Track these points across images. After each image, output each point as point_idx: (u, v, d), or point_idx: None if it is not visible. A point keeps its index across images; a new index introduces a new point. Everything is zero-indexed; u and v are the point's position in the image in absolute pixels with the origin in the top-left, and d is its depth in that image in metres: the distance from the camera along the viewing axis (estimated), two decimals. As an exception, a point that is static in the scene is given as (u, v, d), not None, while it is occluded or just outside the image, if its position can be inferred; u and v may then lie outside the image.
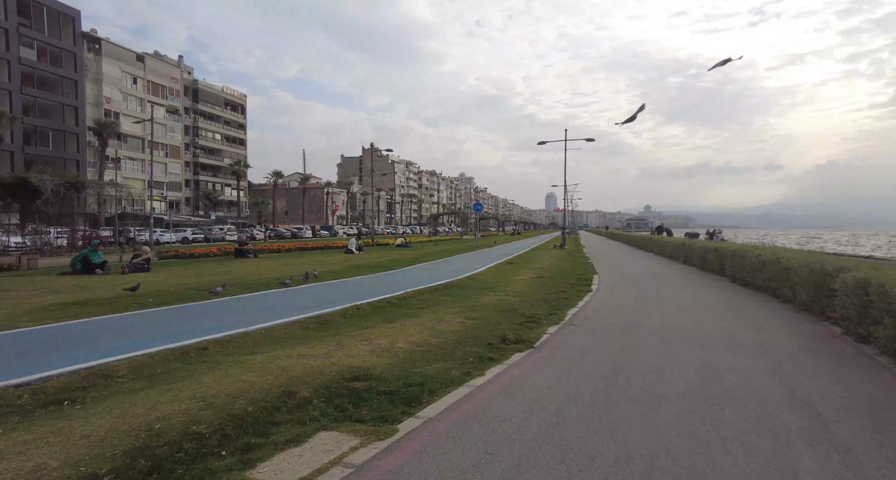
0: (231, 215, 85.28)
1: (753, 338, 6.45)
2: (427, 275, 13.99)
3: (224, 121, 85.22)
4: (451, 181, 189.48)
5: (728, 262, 13.50)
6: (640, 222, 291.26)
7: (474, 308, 8.30)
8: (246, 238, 27.49)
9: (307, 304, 8.56)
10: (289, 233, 64.22)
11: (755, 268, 11.23)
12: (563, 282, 12.59)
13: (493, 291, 10.65)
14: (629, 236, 45.44)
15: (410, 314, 7.72)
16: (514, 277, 13.69)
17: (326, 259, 20.70)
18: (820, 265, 7.62)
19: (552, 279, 13.37)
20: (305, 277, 12.02)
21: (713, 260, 15.26)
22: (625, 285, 12.60)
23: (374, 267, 16.52)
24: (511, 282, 12.42)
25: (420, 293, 10.16)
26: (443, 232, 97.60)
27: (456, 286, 11.62)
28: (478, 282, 12.48)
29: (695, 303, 9.53)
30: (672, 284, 12.97)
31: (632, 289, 11.70)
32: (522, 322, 7.27)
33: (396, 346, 5.59)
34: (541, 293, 10.52)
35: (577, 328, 7.02)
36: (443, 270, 15.71)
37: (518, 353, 5.57)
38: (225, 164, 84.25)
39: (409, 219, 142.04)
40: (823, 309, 7.71)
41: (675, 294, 10.99)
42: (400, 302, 9.00)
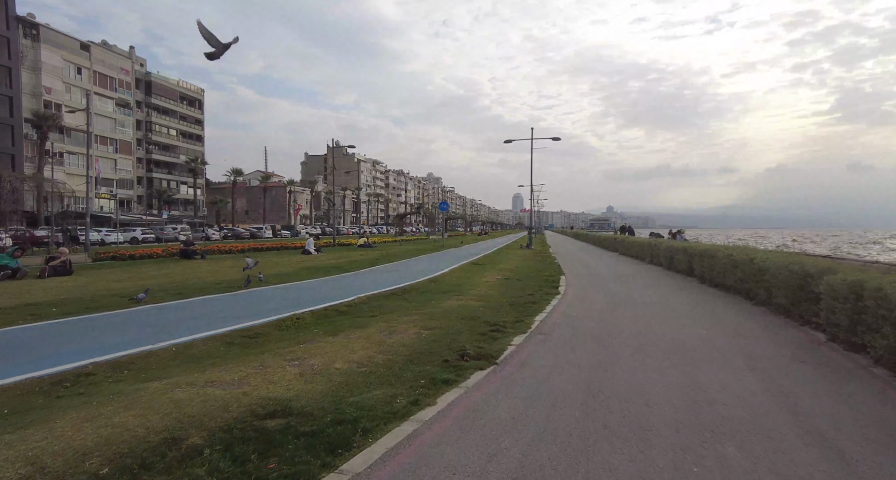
0: (187, 214, 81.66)
1: (737, 347, 5.85)
2: (386, 278, 13.04)
3: (180, 116, 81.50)
4: (418, 181, 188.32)
5: (697, 263, 13.16)
6: (602, 222, 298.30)
7: (433, 315, 7.44)
8: (192, 238, 25.71)
9: (241, 314, 7.49)
10: (248, 233, 61.73)
11: (726, 269, 10.83)
12: (529, 284, 11.90)
13: (455, 295, 9.81)
14: (594, 236, 45.68)
15: (359, 324, 6.78)
16: (479, 279, 12.92)
17: (281, 260, 19.40)
18: (800, 266, 7.15)
19: (519, 280, 12.68)
20: (247, 281, 10.84)
21: (681, 260, 14.94)
22: (593, 287, 12.03)
23: (331, 269, 15.42)
24: (476, 285, 11.64)
25: (375, 298, 9.21)
26: (410, 232, 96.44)
27: (416, 289, 10.73)
28: (440, 285, 11.63)
29: (667, 307, 8.99)
30: (641, 285, 12.50)
31: (601, 291, 11.12)
32: (486, 331, 6.46)
33: (333, 367, 4.66)
34: (507, 296, 9.77)
35: (545, 337, 6.26)
36: (404, 272, 14.79)
37: (479, 372, 4.73)
38: (181, 161, 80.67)
39: (376, 218, 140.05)
40: (803, 313, 7.25)
41: (645, 296, 10.46)
42: (350, 309, 8.03)
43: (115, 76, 61.93)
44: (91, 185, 23.55)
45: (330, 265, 16.74)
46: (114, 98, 61.82)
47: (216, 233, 56.93)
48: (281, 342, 5.77)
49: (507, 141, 30.69)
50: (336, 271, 14.70)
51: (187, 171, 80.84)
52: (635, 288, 11.92)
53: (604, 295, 10.43)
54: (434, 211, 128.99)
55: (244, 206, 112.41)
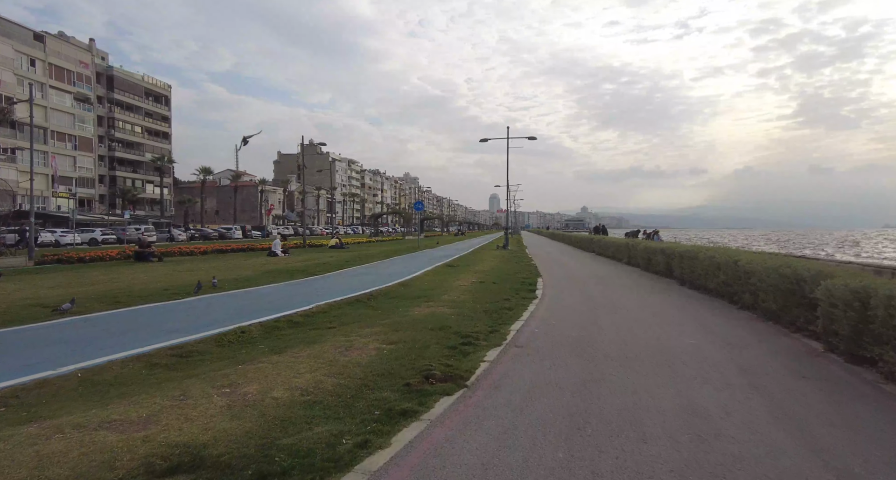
0: (153, 214, 78.77)
1: (730, 359, 5.31)
2: (353, 282, 12.23)
3: (145, 112, 78.55)
4: (395, 181, 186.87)
5: (676, 264, 12.77)
6: (577, 223, 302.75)
7: (399, 326, 6.70)
8: (148, 239, 24.29)
9: (180, 326, 6.60)
10: (216, 233, 59.68)
11: (708, 271, 10.42)
12: (505, 288, 11.28)
13: (426, 301, 9.09)
14: (570, 236, 45.63)
15: (312, 338, 5.98)
16: (452, 283, 12.23)
17: (243, 262, 18.33)
18: (792, 270, 6.69)
19: (494, 284, 12.04)
20: (198, 287, 9.86)
21: (660, 261, 14.58)
22: (571, 290, 11.49)
23: (295, 272, 14.49)
24: (449, 289, 10.94)
25: (337, 306, 8.40)
26: (386, 232, 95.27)
27: (384, 295, 9.96)
28: (411, 290, 10.89)
29: (650, 312, 8.47)
30: (620, 288, 12.03)
31: (579, 295, 10.58)
32: (456, 344, 5.76)
33: (270, 396, 3.88)
34: (481, 302, 9.11)
35: (522, 351, 5.61)
36: (374, 275, 13.99)
37: (445, 398, 4.03)
38: (146, 159, 77.79)
39: (351, 218, 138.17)
40: (794, 320, 6.79)
41: (626, 300, 9.96)
42: (306, 320, 7.21)
43: (73, 69, 58.97)
44: (48, 183, 21.83)
45: (295, 268, 15.79)
46: (72, 92, 58.89)
47: (182, 233, 54.80)
48: (216, 362, 4.94)
49: (482, 140, 30.16)
50: (300, 275, 13.78)
51: (153, 170, 78.00)
52: (614, 290, 11.44)
53: (583, 299, 9.88)
54: (410, 211, 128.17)
55: (214, 206, 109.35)
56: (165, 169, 77.83)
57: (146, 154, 78.07)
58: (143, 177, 79.83)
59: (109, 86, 70.15)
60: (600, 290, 11.37)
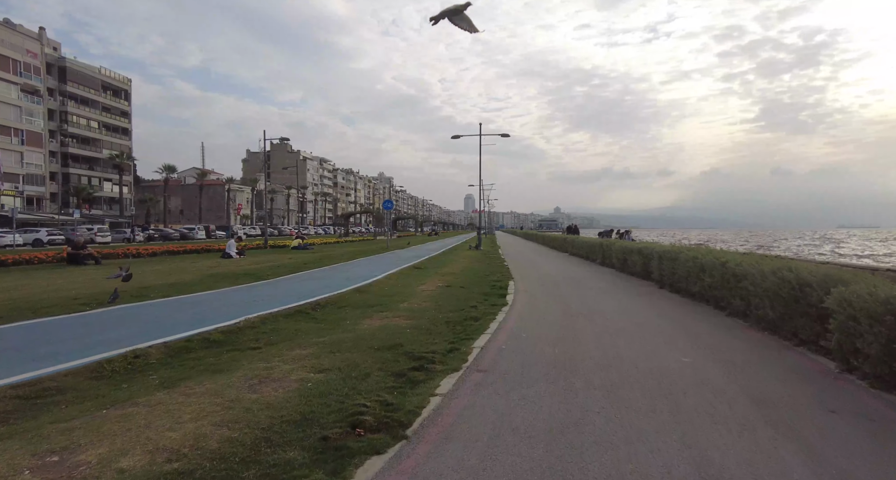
0: (111, 214, 75.13)
1: (738, 386, 4.34)
2: (304, 288, 10.95)
3: (102, 106, 74.73)
4: (368, 180, 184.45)
5: (655, 266, 11.96)
6: (551, 223, 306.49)
7: (340, 345, 5.54)
8: (84, 239, 22.31)
9: (57, 350, 5.23)
10: (177, 233, 56.99)
11: (690, 274, 9.59)
12: (474, 293, 10.22)
13: (382, 311, 7.94)
14: (544, 236, 45.09)
15: (223, 364, 4.74)
16: (416, 287, 11.09)
17: (191, 265, 16.75)
18: (794, 274, 5.82)
19: (462, 288, 10.97)
20: (113, 296, 8.40)
21: (636, 262, 13.78)
22: (545, 293, 10.52)
23: (242, 276, 13.08)
24: (410, 295, 9.81)
25: (272, 319, 7.13)
26: (358, 232, 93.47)
27: (334, 304, 8.74)
28: (367, 297, 9.70)
29: (632, 320, 7.54)
30: (597, 291, 11.14)
31: (554, 299, 9.61)
32: (405, 369, 4.64)
33: (114, 468, 2.66)
34: (445, 310, 8.01)
35: (485, 377, 4.53)
36: (331, 279, 12.72)
37: (373, 459, 2.90)
38: (104, 156, 74.03)
39: (323, 218, 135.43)
40: (796, 331, 5.93)
41: (604, 305, 9.04)
42: (227, 337, 5.94)
43: (19, 59, 55.29)
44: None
45: (244, 271, 14.35)
46: (18, 83, 55.20)
47: (140, 234, 51.97)
48: (74, 406, 3.67)
49: (455, 136, 29.14)
50: (247, 279, 12.38)
51: (112, 167, 74.37)
52: (591, 294, 10.52)
53: (558, 305, 8.91)
54: (383, 211, 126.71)
55: (179, 206, 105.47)
56: (125, 166, 74.33)
57: (104, 150, 74.34)
58: (100, 174, 76.00)
59: (62, 77, 66.33)
60: (576, 294, 10.44)
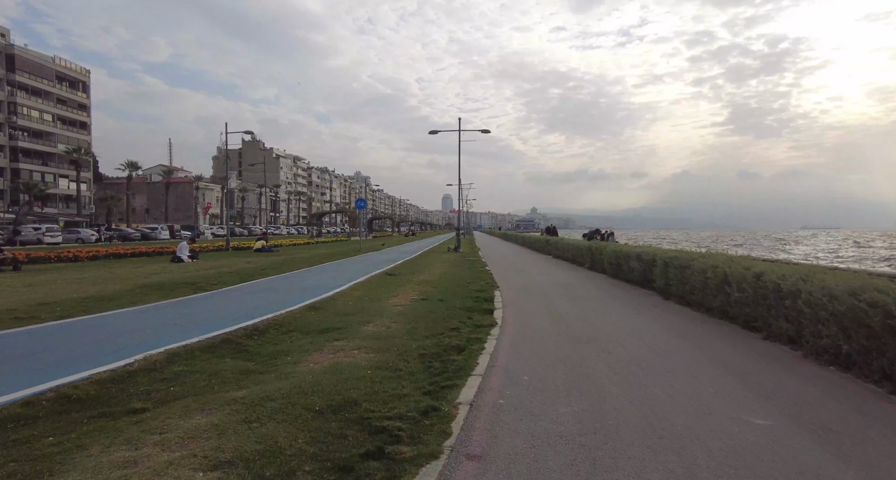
0: (68, 212, 70.86)
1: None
2: (249, 303, 9.06)
3: (57, 98, 70.48)
4: (344, 179, 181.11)
5: (660, 273, 10.51)
6: (528, 223, 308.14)
7: (265, 403, 3.78)
8: (4, 239, 19.76)
9: None
10: (138, 233, 53.65)
11: (708, 285, 8.14)
12: (454, 307, 8.56)
13: (338, 338, 6.18)
14: (524, 237, 43.79)
15: (52, 457, 2.93)
16: (385, 301, 9.35)
17: (129, 272, 14.59)
18: (893, 297, 4.32)
19: (441, 301, 9.29)
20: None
21: (635, 268, 12.33)
22: (537, 307, 8.93)
23: (182, 286, 11.07)
24: (378, 312, 8.07)
25: (187, 354, 5.24)
26: (334, 232, 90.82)
27: (279, 327, 6.93)
28: (324, 316, 7.91)
29: (653, 348, 5.99)
30: (595, 302, 9.62)
31: (549, 315, 8.03)
32: (355, 457, 2.93)
33: None
34: (419, 335, 6.32)
35: (480, 473, 2.86)
36: (285, 291, 10.83)
37: None
38: (59, 151, 69.72)
39: (297, 218, 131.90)
40: (893, 373, 4.42)
41: (608, 322, 7.51)
42: (103, 390, 4.05)
43: (-41, 44, 51.19)
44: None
45: (187, 279, 12.33)
46: (-42, 70, 51.13)
47: (95, 234, 48.59)
48: None
49: (432, 132, 27.44)
50: (185, 290, 10.37)
51: (69, 163, 70.18)
52: (589, 307, 8.97)
53: (555, 323, 7.33)
54: (360, 211, 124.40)
55: (145, 204, 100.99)
56: (82, 162, 70.23)
57: (59, 145, 70.09)
58: (55, 170, 71.74)
59: (10, 66, 62.09)
60: (572, 308, 8.88)
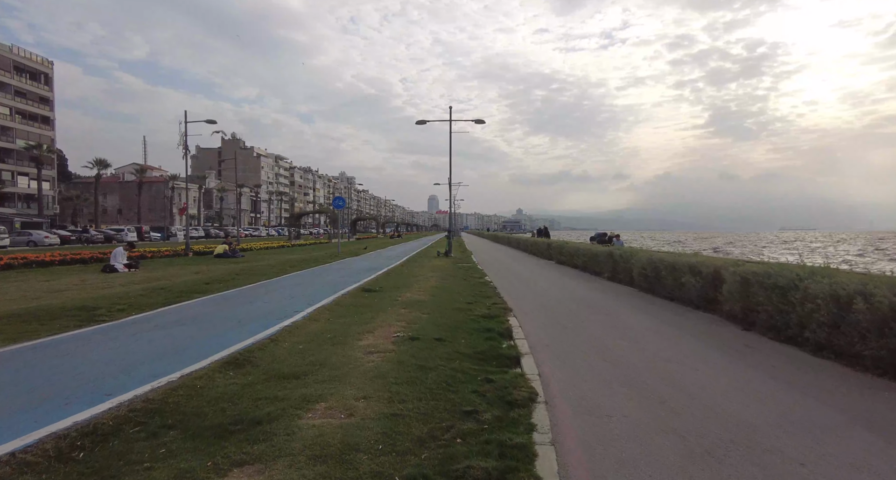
0: (27, 212, 66.22)
1: None
2: (142, 349, 5.87)
3: (15, 90, 65.89)
4: (329, 179, 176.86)
5: (738, 293, 7.59)
6: (514, 224, 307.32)
7: None
8: None
9: None
10: (101, 235, 49.57)
11: (859, 324, 5.25)
12: (461, 356, 5.52)
13: (245, 457, 3.12)
14: (517, 239, 40.91)
15: None
16: (355, 342, 6.23)
17: (34, 286, 11.23)
18: None
19: (438, 342, 6.21)
20: None
21: (689, 285, 9.40)
22: (585, 353, 5.92)
23: (75, 312, 7.76)
24: (339, 373, 4.95)
25: None
26: (315, 233, 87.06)
27: (149, 420, 3.79)
28: (244, 385, 4.73)
29: (797, 444, 3.06)
30: (660, 339, 6.64)
31: (616, 377, 5.01)
32: None
33: None
34: (407, 442, 3.28)
35: None
36: (212, 323, 7.57)
37: None
38: (18, 147, 65.17)
39: (279, 219, 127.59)
40: None
41: (722, 392, 4.52)
42: None
43: None
44: None
45: (93, 302, 9.00)
46: None
47: (51, 236, 44.51)
48: None
49: (419, 122, 24.40)
50: (65, 323, 7.04)
51: (29, 160, 65.61)
52: (665, 354, 5.94)
53: (640, 401, 4.25)
54: (340, 212, 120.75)
55: (117, 205, 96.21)
56: (45, 159, 65.72)
57: (17, 140, 65.49)
58: (14, 167, 67.09)
59: (-39, 54, 57.49)
60: (637, 354, 5.90)
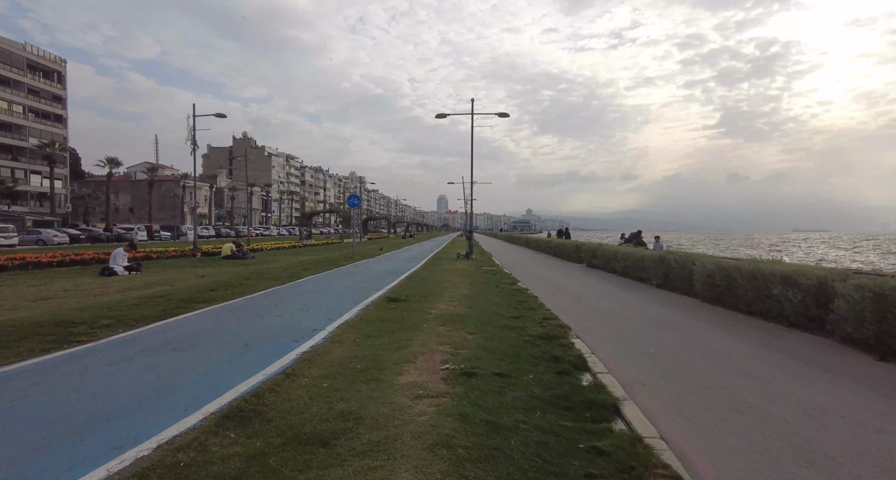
0: (40, 211, 65.89)
1: None
2: (109, 398, 4.51)
3: (28, 89, 65.58)
4: (339, 179, 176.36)
5: (865, 311, 6.07)
6: (524, 224, 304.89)
7: None
8: None
9: None
10: (109, 234, 48.87)
11: None
12: (532, 401, 4.08)
13: None
14: (537, 241, 39.30)
15: None
16: (394, 378, 4.75)
17: (22, 291, 9.99)
18: None
19: (501, 378, 4.76)
20: None
21: (778, 297, 7.83)
22: (687, 389, 4.40)
23: (50, 328, 6.44)
24: (388, 432, 3.56)
25: None
26: (326, 233, 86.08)
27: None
28: (260, 454, 3.37)
29: None
30: (771, 369, 5.09)
31: (749, 425, 3.51)
32: None
33: None
34: None
35: None
36: (214, 347, 6.16)
37: None
38: (31, 145, 64.89)
39: (290, 218, 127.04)
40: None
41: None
42: None
43: None
44: None
45: (77, 314, 7.66)
46: None
47: (60, 234, 43.85)
48: None
49: (439, 115, 22.99)
50: (32, 346, 5.71)
51: (42, 158, 65.31)
52: (818, 405, 4.40)
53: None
54: (354, 211, 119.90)
55: (129, 203, 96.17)
56: (57, 157, 65.35)
57: (31, 139, 65.24)
58: (26, 166, 66.85)
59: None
60: (763, 392, 4.43)
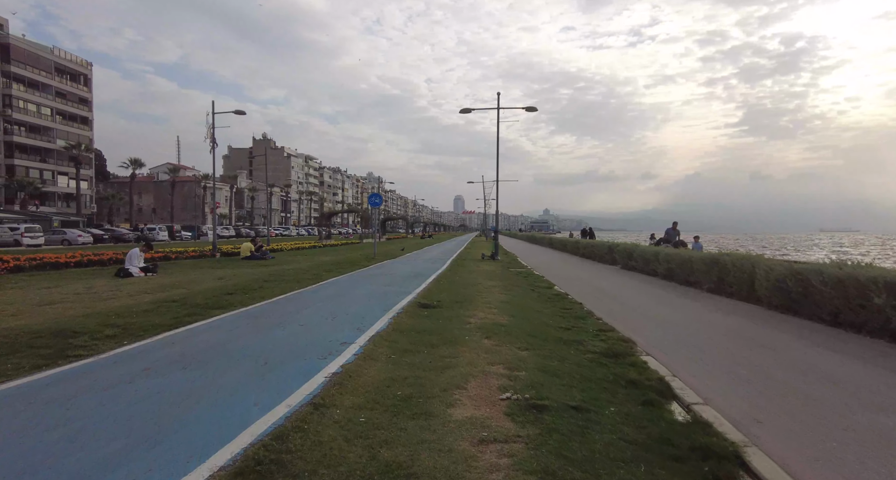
0: (66, 211, 66.97)
1: None
2: (93, 441, 3.70)
3: (56, 91, 66.67)
4: (357, 179, 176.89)
5: None
6: (542, 224, 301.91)
7: None
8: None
9: None
10: (131, 234, 49.28)
11: None
12: (626, 447, 3.14)
13: None
14: (560, 241, 38.06)
15: None
16: (446, 410, 3.88)
17: (33, 294, 9.41)
18: None
19: (577, 412, 3.83)
20: None
21: (880, 308, 6.74)
22: (818, 431, 3.42)
23: (48, 339, 5.73)
24: None
25: None
26: (345, 233, 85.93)
27: None
28: None
29: None
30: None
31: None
32: None
33: None
34: None
35: None
36: (230, 365, 5.32)
37: None
38: (58, 147, 65.98)
39: (308, 218, 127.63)
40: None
41: None
42: None
43: (-58, 29, 47.26)
44: None
45: (79, 321, 6.95)
46: (-60, 56, 47.19)
47: (84, 234, 44.20)
48: None
49: (464, 110, 22.07)
50: (20, 362, 4.94)
51: (68, 159, 66.40)
52: None
53: None
54: (374, 210, 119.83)
55: (152, 204, 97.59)
56: (83, 158, 66.31)
57: (58, 140, 66.38)
58: (54, 167, 68.01)
59: (4, 56, 58.31)
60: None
